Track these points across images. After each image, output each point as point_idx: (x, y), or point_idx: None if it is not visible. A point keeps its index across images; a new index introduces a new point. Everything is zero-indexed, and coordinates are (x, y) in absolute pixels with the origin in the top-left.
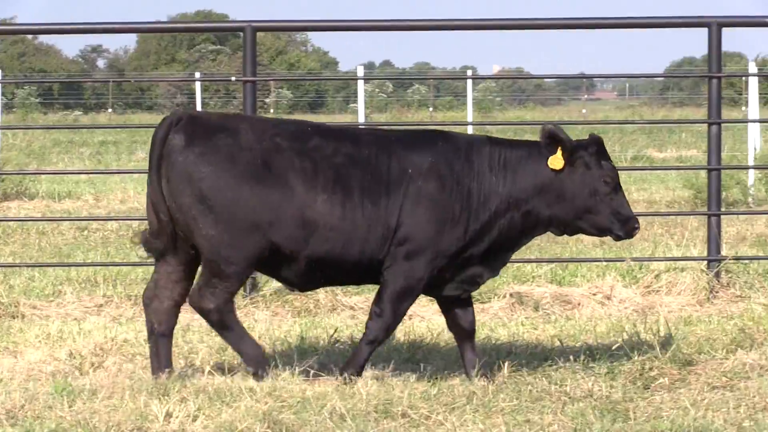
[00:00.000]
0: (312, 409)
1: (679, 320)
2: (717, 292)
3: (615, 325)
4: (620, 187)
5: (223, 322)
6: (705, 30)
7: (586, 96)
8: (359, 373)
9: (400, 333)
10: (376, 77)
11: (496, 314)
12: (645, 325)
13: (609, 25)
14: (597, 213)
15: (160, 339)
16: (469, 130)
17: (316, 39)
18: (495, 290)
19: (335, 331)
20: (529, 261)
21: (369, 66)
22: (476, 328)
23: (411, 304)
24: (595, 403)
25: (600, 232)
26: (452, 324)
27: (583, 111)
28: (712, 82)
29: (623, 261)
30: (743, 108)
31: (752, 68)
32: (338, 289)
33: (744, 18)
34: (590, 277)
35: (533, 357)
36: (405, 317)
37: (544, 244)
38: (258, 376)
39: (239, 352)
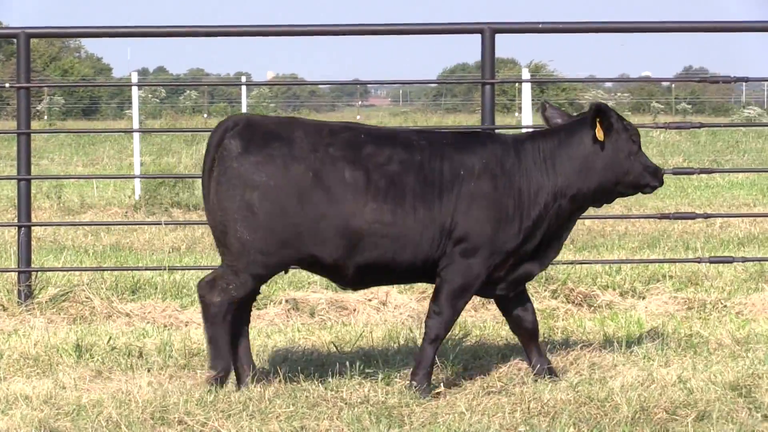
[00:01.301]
0: (88, 416)
1: (455, 325)
2: None
3: (391, 331)
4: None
5: (216, 320)
6: (478, 36)
7: (360, 102)
8: (430, 375)
9: (177, 340)
10: (150, 83)
11: (272, 320)
12: (420, 330)
13: (383, 31)
14: (633, 172)
15: (238, 339)
16: None
17: (90, 45)
18: (271, 296)
19: (110, 338)
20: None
21: (143, 72)
22: (538, 328)
23: (468, 301)
24: (371, 408)
25: (636, 189)
26: (515, 326)
27: (358, 117)
28: (486, 88)
29: None
30: (516, 114)
31: (525, 74)
32: (114, 296)
33: (517, 24)
34: None
35: (309, 363)
36: (182, 324)
37: None
38: (213, 383)
39: (210, 352)
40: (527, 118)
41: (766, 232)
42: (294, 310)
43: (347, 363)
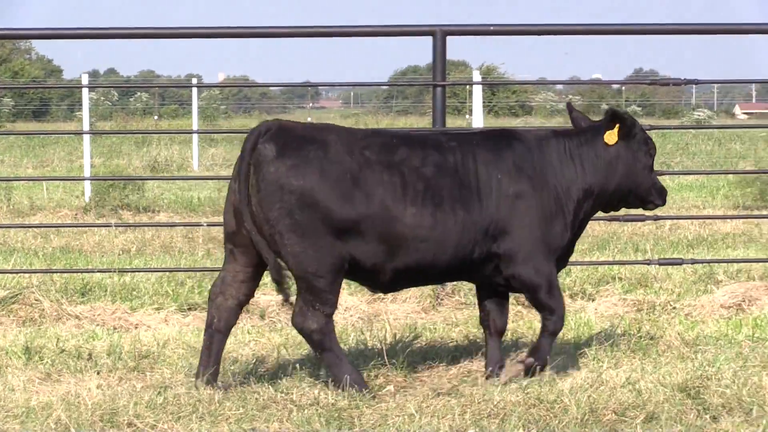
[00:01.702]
0: (37, 419)
1: (405, 328)
2: (442, 299)
3: (341, 333)
4: None
5: (324, 343)
6: (430, 38)
7: (311, 104)
8: (545, 363)
9: (126, 342)
10: (101, 85)
11: None
12: (371, 332)
13: (334, 33)
14: (644, 185)
15: (216, 335)
16: (194, 138)
17: (41, 47)
18: None
19: (59, 341)
20: None
21: (93, 74)
22: (506, 329)
23: (558, 284)
24: (321, 410)
25: (641, 203)
26: (486, 320)
27: (309, 119)
28: (437, 90)
29: None
30: (467, 116)
31: (476, 77)
32: (63, 299)
33: (468, 26)
34: None
35: (260, 365)
36: (131, 326)
37: None
38: (356, 392)
39: (335, 375)
40: (478, 120)
41: (715, 234)
42: (244, 312)
43: (297, 365)
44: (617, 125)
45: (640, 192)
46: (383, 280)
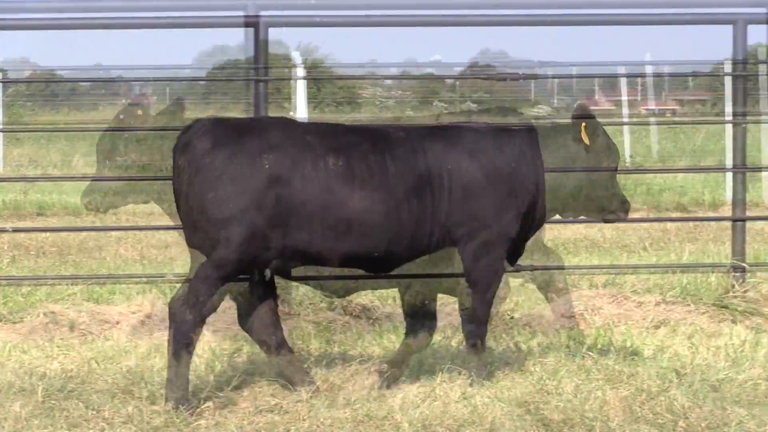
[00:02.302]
0: None
1: (225, 338)
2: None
3: (158, 346)
4: None
5: (183, 339)
6: (251, 30)
7: (124, 100)
8: (488, 373)
9: None
10: None
11: (29, 335)
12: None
13: (144, 24)
14: (602, 193)
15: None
16: None
17: None
18: (27, 309)
19: None
20: (64, 278)
21: None
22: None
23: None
24: (135, 429)
25: (600, 212)
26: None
27: (121, 117)
28: (258, 85)
29: (164, 277)
30: (291, 113)
31: (300, 71)
32: None
33: (292, 17)
34: (130, 294)
35: (69, 381)
36: None
37: (79, 260)
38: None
39: (170, 379)
40: (302, 116)
41: (556, 239)
42: (53, 324)
43: (109, 380)
44: (582, 126)
45: (598, 200)
46: (335, 272)
